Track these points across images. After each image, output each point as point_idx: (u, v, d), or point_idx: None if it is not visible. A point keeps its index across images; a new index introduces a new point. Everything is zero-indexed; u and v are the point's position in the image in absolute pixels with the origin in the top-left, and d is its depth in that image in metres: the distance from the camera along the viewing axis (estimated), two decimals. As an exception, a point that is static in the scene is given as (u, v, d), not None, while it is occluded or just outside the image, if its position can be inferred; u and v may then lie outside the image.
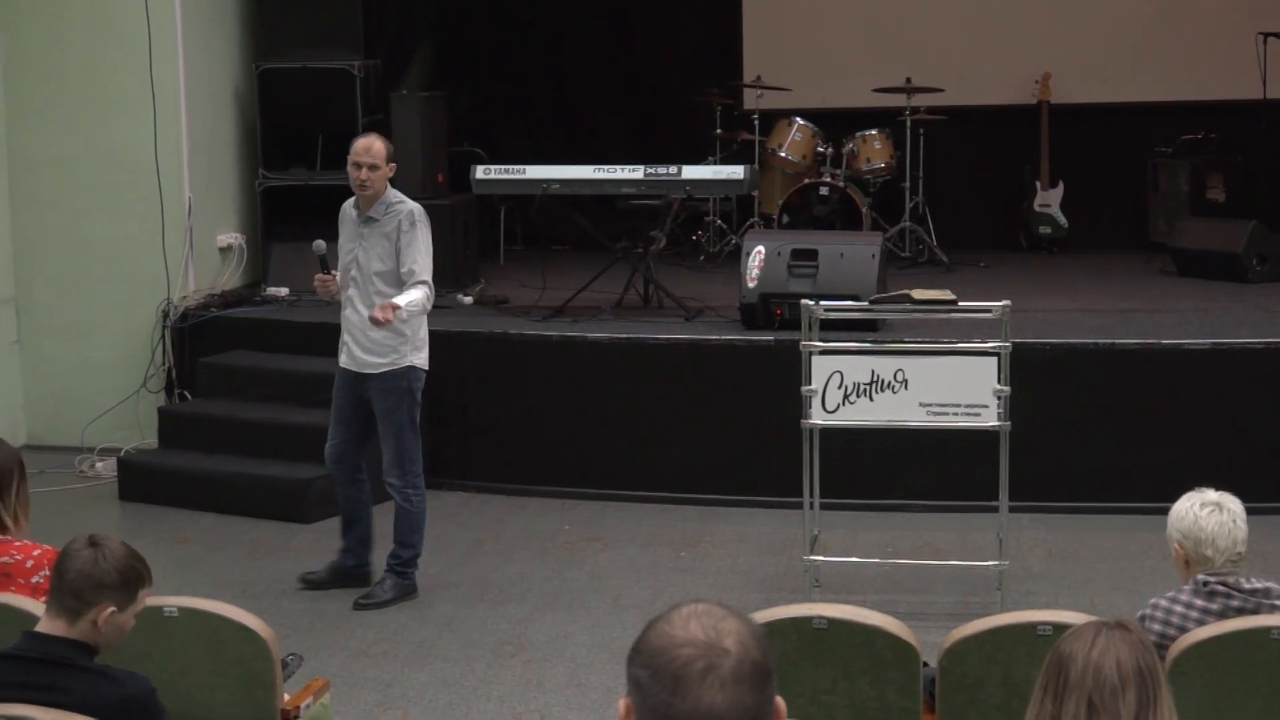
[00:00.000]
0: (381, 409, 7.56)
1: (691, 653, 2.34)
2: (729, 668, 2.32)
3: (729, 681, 2.31)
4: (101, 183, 10.54)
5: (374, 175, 7.42)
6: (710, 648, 2.34)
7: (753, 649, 2.36)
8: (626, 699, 2.40)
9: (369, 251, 7.48)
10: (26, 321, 10.72)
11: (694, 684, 2.31)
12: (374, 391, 7.55)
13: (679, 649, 2.35)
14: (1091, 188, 13.02)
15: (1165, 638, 4.40)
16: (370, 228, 7.49)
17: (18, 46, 10.53)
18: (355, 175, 7.42)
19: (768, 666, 2.37)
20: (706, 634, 2.36)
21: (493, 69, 14.29)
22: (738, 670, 2.32)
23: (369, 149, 7.43)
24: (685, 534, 8.70)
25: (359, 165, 7.40)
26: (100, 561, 4.03)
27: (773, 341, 9.12)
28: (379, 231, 7.48)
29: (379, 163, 7.43)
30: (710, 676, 2.31)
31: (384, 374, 7.54)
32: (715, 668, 2.32)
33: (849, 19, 13.50)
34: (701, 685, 2.31)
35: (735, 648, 2.34)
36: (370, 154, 7.41)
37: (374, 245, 7.48)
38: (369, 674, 6.78)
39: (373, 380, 7.54)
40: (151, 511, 9.31)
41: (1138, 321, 9.61)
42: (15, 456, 5.13)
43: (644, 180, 9.98)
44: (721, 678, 2.31)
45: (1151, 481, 8.46)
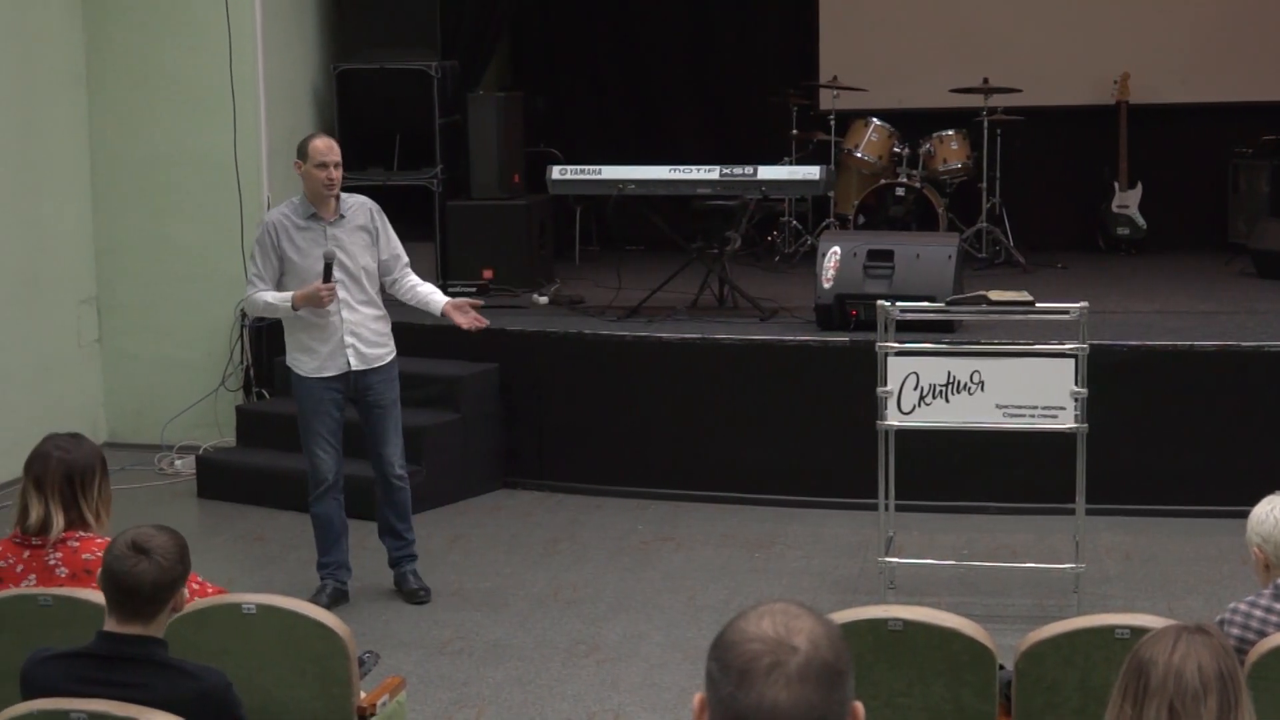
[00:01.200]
0: (387, 399, 7.59)
1: (759, 648, 2.34)
2: (796, 665, 2.32)
3: (794, 679, 2.31)
4: (182, 183, 10.63)
5: (339, 173, 7.39)
6: (779, 644, 2.34)
7: (824, 649, 2.35)
8: (702, 693, 2.42)
9: (352, 248, 7.46)
10: (108, 320, 10.82)
11: (759, 679, 2.32)
12: (377, 384, 7.55)
13: (748, 644, 2.36)
14: (1170, 189, 12.92)
15: (1244, 642, 4.36)
16: (341, 226, 7.45)
17: (101, 49, 10.63)
18: (322, 175, 7.33)
19: (839, 668, 2.36)
20: (777, 631, 2.36)
21: (570, 69, 14.32)
22: (804, 669, 2.32)
23: (334, 148, 7.41)
24: (760, 535, 8.70)
25: (325, 165, 7.33)
26: (162, 562, 4.06)
27: (848, 342, 9.10)
28: (353, 226, 7.47)
29: (340, 161, 7.42)
30: (776, 672, 2.32)
31: (388, 364, 7.60)
32: (781, 664, 2.32)
33: (926, 19, 13.45)
34: (766, 681, 2.31)
35: (805, 646, 2.35)
36: (335, 152, 7.38)
37: (355, 241, 7.47)
38: (444, 672, 6.81)
39: (376, 373, 7.55)
40: (229, 509, 9.39)
41: (1217, 323, 9.53)
42: (98, 454, 5.17)
43: (720, 180, 9.98)
44: (787, 675, 2.31)
45: (1230, 485, 8.40)
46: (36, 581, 4.91)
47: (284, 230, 7.41)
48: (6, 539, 5.06)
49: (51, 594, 4.69)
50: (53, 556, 4.94)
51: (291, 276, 7.40)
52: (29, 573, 4.94)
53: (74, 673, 4.01)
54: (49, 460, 5.03)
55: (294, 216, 7.43)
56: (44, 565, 4.94)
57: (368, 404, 7.58)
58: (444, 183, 11.32)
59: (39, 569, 4.94)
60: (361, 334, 7.50)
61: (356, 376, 7.51)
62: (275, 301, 7.40)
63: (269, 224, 7.46)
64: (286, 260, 7.40)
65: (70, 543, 4.97)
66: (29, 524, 4.98)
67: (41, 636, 4.46)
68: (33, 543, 4.98)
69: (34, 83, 10.17)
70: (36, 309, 10.18)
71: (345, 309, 7.44)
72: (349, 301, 7.45)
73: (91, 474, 5.07)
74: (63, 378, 10.44)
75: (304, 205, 7.44)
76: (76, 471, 5.03)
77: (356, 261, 7.46)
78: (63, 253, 10.49)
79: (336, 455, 7.60)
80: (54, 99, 10.40)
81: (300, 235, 7.40)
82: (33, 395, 10.06)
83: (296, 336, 7.53)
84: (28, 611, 4.67)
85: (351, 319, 7.46)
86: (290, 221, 7.43)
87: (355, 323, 7.48)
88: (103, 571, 4.10)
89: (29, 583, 4.92)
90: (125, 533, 4.13)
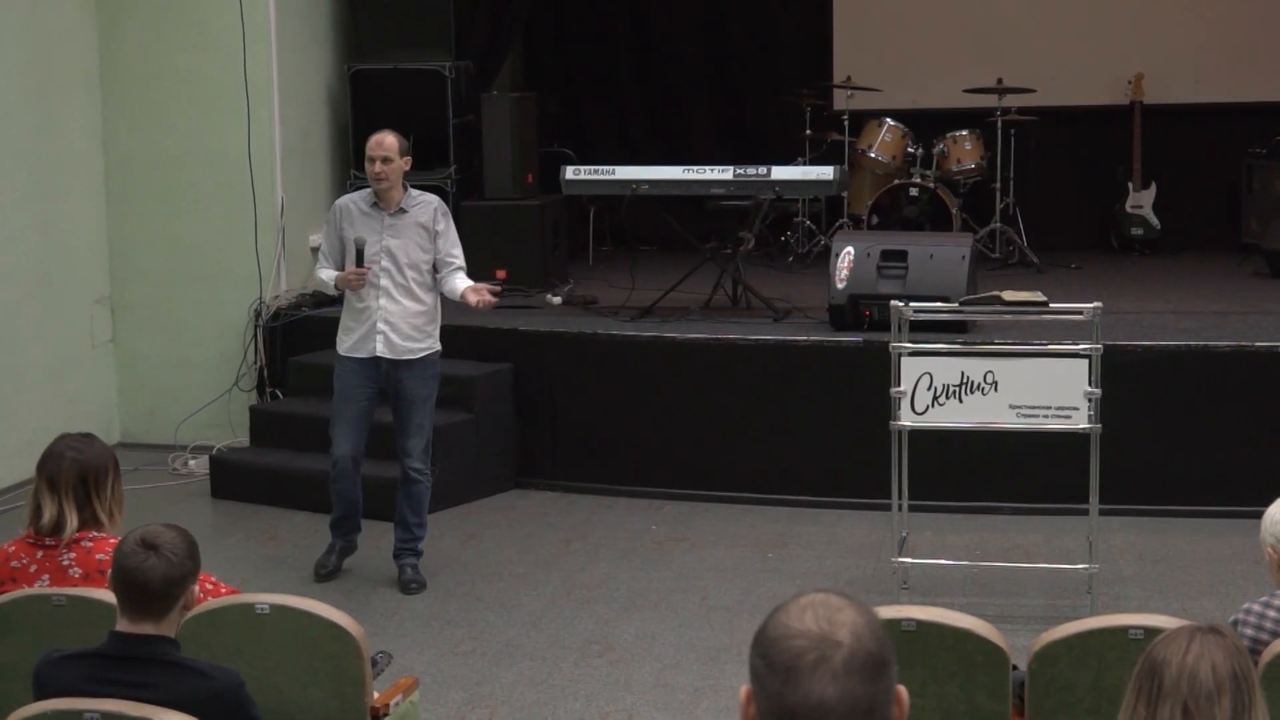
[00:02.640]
0: (419, 394, 7.83)
1: (804, 644, 2.37)
2: (841, 660, 2.35)
3: (840, 673, 2.34)
4: (196, 183, 10.65)
5: (389, 168, 7.70)
6: (823, 640, 2.37)
7: (867, 640, 2.38)
8: (747, 686, 2.43)
9: (406, 242, 7.77)
10: (121, 320, 10.84)
11: (805, 675, 2.34)
12: (409, 377, 7.80)
13: (792, 640, 2.38)
14: (1184, 189, 12.90)
15: (1258, 643, 4.36)
16: (401, 219, 7.78)
17: (115, 50, 10.65)
18: (371, 170, 7.72)
19: (883, 657, 2.39)
20: (820, 626, 2.39)
21: (583, 70, 14.34)
22: (849, 662, 2.35)
23: (382, 143, 7.73)
24: (773, 535, 8.70)
25: (373, 159, 7.70)
26: (170, 558, 4.06)
27: (861, 343, 9.10)
28: (412, 222, 7.80)
29: (393, 155, 7.72)
30: (821, 668, 2.34)
31: (423, 359, 7.83)
32: (827, 660, 2.35)
33: (940, 20, 13.44)
34: (812, 677, 2.34)
35: (849, 639, 2.37)
36: (384, 148, 7.71)
37: (410, 235, 7.78)
38: (457, 672, 6.82)
39: (409, 366, 7.79)
40: (243, 509, 9.40)
41: (1231, 324, 9.51)
42: (110, 454, 5.18)
43: (733, 181, 9.97)
44: (833, 670, 2.34)
45: (1244, 485, 8.40)
46: (50, 582, 4.91)
47: (348, 214, 7.84)
48: (20, 539, 5.06)
49: (65, 594, 4.69)
50: (66, 557, 4.95)
51: (348, 259, 7.79)
52: (43, 573, 4.95)
53: (86, 673, 4.01)
54: (62, 460, 5.03)
55: (361, 203, 7.85)
56: (57, 565, 4.94)
57: (396, 395, 7.84)
58: (458, 183, 11.34)
59: (52, 569, 4.94)
60: (396, 324, 7.76)
61: (389, 366, 7.78)
62: (327, 279, 7.93)
63: (338, 206, 7.94)
64: (344, 241, 7.81)
65: (84, 543, 4.98)
66: (42, 524, 4.99)
67: (54, 636, 4.46)
68: (46, 543, 4.98)
69: (48, 83, 10.19)
70: (51, 309, 10.19)
71: (385, 297, 7.75)
72: (390, 291, 7.75)
73: (105, 474, 5.08)
74: (77, 378, 10.46)
75: (372, 194, 7.83)
76: (90, 471, 5.04)
77: (408, 255, 7.77)
78: (77, 253, 10.50)
79: (358, 439, 7.89)
80: (68, 100, 10.42)
81: (361, 220, 7.80)
82: (47, 395, 10.08)
83: (343, 316, 7.94)
84: (41, 611, 4.67)
85: (389, 308, 7.75)
86: (356, 207, 7.85)
87: (392, 312, 7.75)
88: (112, 569, 4.11)
89: (43, 583, 4.92)
90: (134, 531, 4.14)
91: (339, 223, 7.85)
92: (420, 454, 7.87)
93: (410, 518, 7.95)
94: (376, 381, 7.84)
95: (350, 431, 7.86)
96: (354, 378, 7.83)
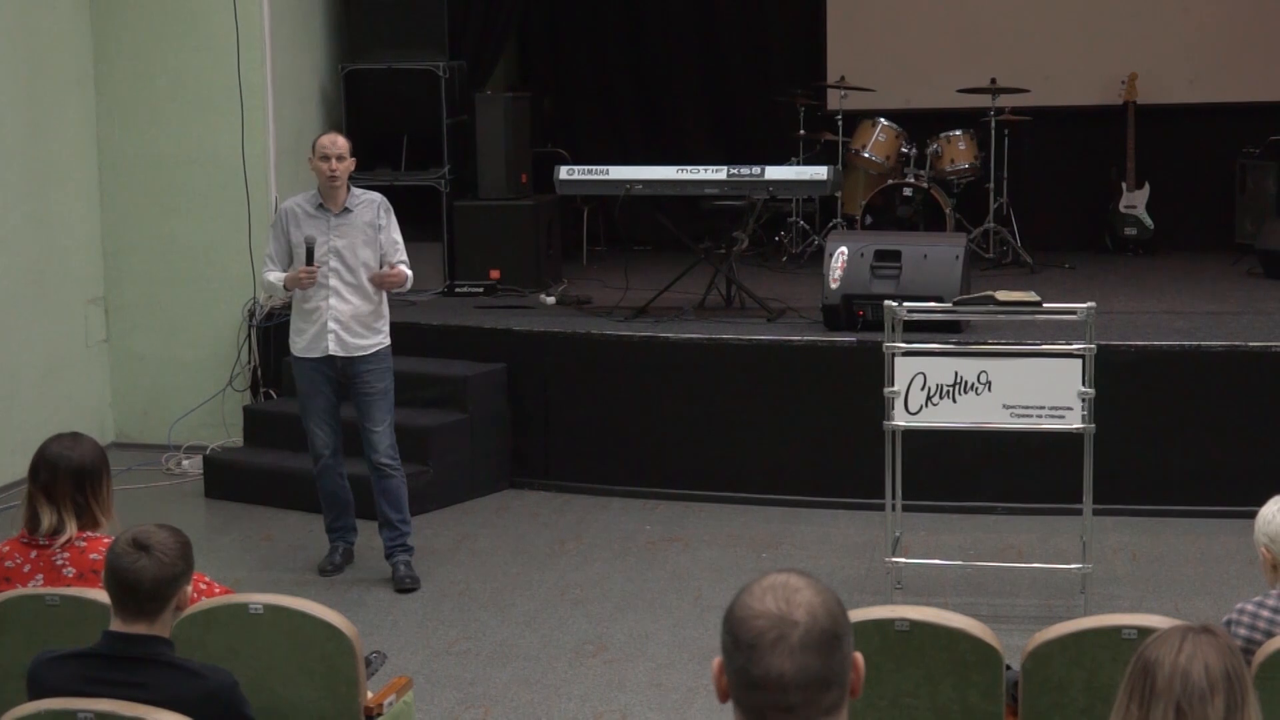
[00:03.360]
0: (377, 388, 7.91)
1: (764, 624, 2.63)
2: (797, 637, 2.62)
3: (797, 649, 2.61)
4: (189, 183, 10.65)
5: (342, 166, 7.80)
6: (781, 620, 2.63)
7: (822, 618, 2.64)
8: (719, 658, 2.73)
9: (353, 241, 7.85)
10: (115, 320, 10.83)
11: (766, 652, 2.61)
12: (364, 373, 7.89)
13: (754, 620, 2.65)
14: (1178, 189, 12.90)
15: (1251, 643, 4.36)
16: (346, 219, 7.86)
17: (108, 50, 10.64)
18: (324, 167, 7.77)
19: (836, 632, 2.65)
20: (779, 606, 2.65)
21: (577, 70, 14.34)
22: (805, 639, 2.62)
23: (335, 142, 7.85)
24: (767, 535, 8.70)
25: (327, 157, 7.78)
26: (162, 558, 4.06)
27: (855, 343, 9.10)
28: (359, 221, 7.88)
29: (345, 154, 7.83)
30: (780, 645, 2.61)
31: (376, 353, 7.92)
32: (784, 637, 2.62)
33: (933, 20, 13.44)
34: (772, 653, 2.61)
35: (804, 618, 2.63)
36: (338, 146, 7.82)
37: (357, 234, 7.87)
38: (451, 672, 6.82)
39: (364, 361, 7.89)
40: (236, 509, 9.39)
41: (1224, 324, 9.52)
42: (100, 452, 5.18)
43: (727, 181, 9.97)
44: (790, 646, 2.61)
45: (1237, 485, 8.41)
46: (44, 581, 4.92)
47: (293, 216, 7.88)
48: (14, 539, 5.06)
49: (59, 594, 4.69)
50: (60, 557, 4.95)
51: (296, 260, 7.82)
52: (36, 573, 4.95)
53: (80, 673, 4.02)
54: (56, 469, 5.02)
55: (306, 205, 7.91)
56: (51, 565, 4.95)
57: (355, 391, 7.92)
58: (451, 183, 11.33)
59: (46, 569, 4.95)
60: (346, 322, 7.85)
61: (344, 363, 7.88)
62: (275, 281, 7.92)
63: (282, 209, 7.98)
64: (292, 244, 7.84)
65: (78, 542, 4.98)
66: (40, 530, 4.99)
67: (48, 636, 4.46)
68: (40, 543, 4.98)
69: (42, 83, 10.18)
70: (44, 309, 10.19)
71: (334, 297, 7.83)
72: (339, 290, 7.83)
73: (99, 474, 5.08)
74: (70, 377, 10.45)
75: (316, 196, 7.89)
76: (85, 475, 5.04)
77: (355, 254, 7.85)
78: (70, 253, 10.50)
79: (331, 431, 7.99)
80: (62, 99, 10.41)
81: (307, 222, 7.84)
82: (40, 395, 10.08)
83: (294, 317, 8.01)
84: (35, 611, 4.67)
85: (339, 307, 7.83)
86: (301, 209, 7.89)
87: (341, 311, 7.84)
88: (105, 569, 4.11)
89: (36, 582, 4.92)
90: (127, 531, 4.15)
91: (285, 225, 7.89)
92: (387, 448, 7.95)
93: (393, 515, 7.98)
94: (334, 379, 7.94)
95: (323, 424, 7.97)
96: (313, 375, 7.93)
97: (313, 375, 7.93)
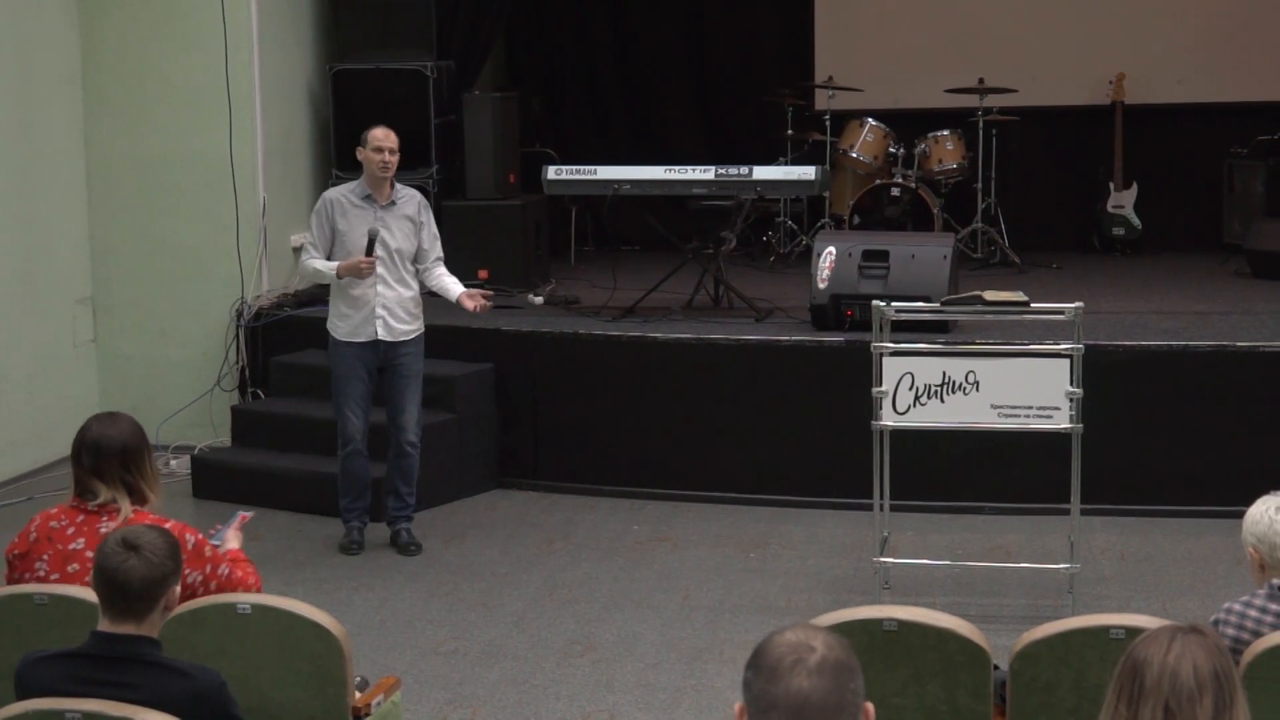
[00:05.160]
0: (413, 371, 8.36)
1: (784, 650, 2.87)
2: (815, 661, 2.84)
3: (814, 671, 2.83)
4: (177, 183, 10.63)
5: (393, 159, 8.23)
6: (800, 646, 2.87)
7: (837, 650, 2.88)
8: (740, 703, 2.91)
9: (396, 232, 8.25)
10: (103, 320, 10.81)
11: (785, 673, 2.83)
12: (404, 355, 8.32)
13: (775, 649, 2.88)
14: (1166, 189, 12.92)
15: (1239, 643, 4.37)
16: (391, 211, 8.26)
17: (96, 49, 10.62)
18: (378, 159, 8.17)
19: (850, 665, 2.88)
20: (798, 637, 2.89)
21: (565, 69, 14.34)
22: (822, 664, 2.84)
23: (389, 136, 8.23)
24: (755, 535, 8.70)
25: (381, 149, 8.17)
26: (151, 558, 4.06)
27: (843, 343, 9.10)
28: (401, 214, 8.29)
29: (396, 148, 8.24)
30: (799, 667, 2.83)
31: (416, 339, 8.39)
32: (803, 660, 2.84)
33: (921, 20, 13.45)
34: (791, 674, 2.82)
35: (821, 647, 2.87)
36: (390, 140, 8.21)
37: (399, 226, 8.28)
38: (439, 672, 6.81)
39: (405, 346, 8.32)
40: (225, 509, 9.29)
41: (1212, 324, 9.53)
42: (140, 430, 5.19)
43: (715, 181, 9.98)
44: (808, 668, 2.83)
45: (1225, 485, 8.42)
46: (84, 546, 4.90)
47: (340, 206, 8.26)
48: (65, 505, 5.06)
49: (47, 593, 4.69)
50: (106, 525, 4.93)
51: (339, 248, 8.23)
52: (79, 535, 4.95)
53: (68, 673, 4.01)
54: (99, 450, 5.02)
55: (351, 196, 8.28)
56: (95, 532, 4.92)
57: (393, 372, 8.34)
58: (439, 183, 11.33)
59: (89, 534, 4.93)
60: (392, 309, 8.25)
61: (386, 347, 8.28)
62: (322, 268, 8.25)
63: (327, 199, 8.32)
64: (337, 233, 8.24)
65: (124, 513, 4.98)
66: (95, 502, 4.99)
67: (36, 636, 4.46)
68: (89, 509, 4.98)
69: (29, 83, 10.16)
70: (32, 309, 10.17)
71: (381, 284, 8.23)
72: (385, 278, 8.23)
73: (140, 452, 5.09)
74: (58, 378, 10.43)
75: (361, 188, 8.28)
76: (129, 453, 5.05)
77: (398, 244, 8.25)
78: (58, 253, 10.48)
79: (364, 418, 8.37)
80: (49, 99, 10.39)
81: (354, 212, 8.24)
82: (28, 396, 10.07)
83: (336, 304, 8.34)
84: (23, 611, 4.67)
85: (386, 294, 8.24)
86: (347, 200, 8.27)
87: (388, 298, 8.24)
88: (94, 569, 4.11)
89: (76, 545, 4.91)
90: (116, 531, 4.14)
91: (331, 215, 8.24)
92: (415, 426, 8.39)
93: (403, 487, 8.47)
94: (374, 363, 8.30)
95: (358, 409, 8.32)
96: (354, 360, 8.27)
97: (353, 360, 8.27)
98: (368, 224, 8.17)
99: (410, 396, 8.35)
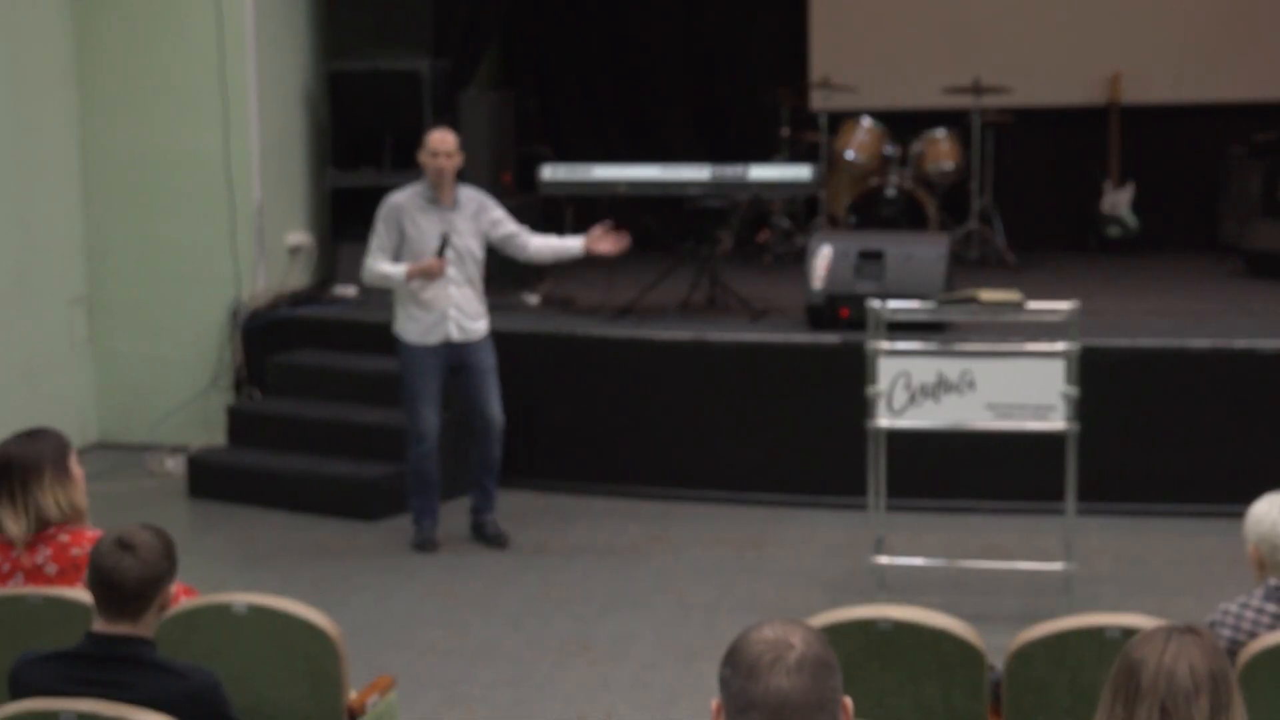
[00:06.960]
0: (489, 364, 8.49)
1: (763, 647, 2.81)
2: (794, 658, 2.79)
3: (793, 669, 2.78)
4: (173, 183, 10.63)
5: (450, 162, 8.28)
6: (778, 643, 2.81)
7: (815, 646, 2.82)
8: (717, 699, 2.85)
9: (464, 234, 8.33)
10: (98, 320, 10.81)
11: (764, 671, 2.78)
12: (477, 352, 8.44)
13: (753, 646, 2.82)
14: (1162, 189, 12.91)
15: (1235, 643, 4.37)
16: (457, 213, 8.34)
17: (91, 48, 10.62)
18: (433, 164, 8.24)
19: (829, 662, 2.83)
20: (776, 634, 2.83)
21: (561, 69, 14.32)
22: (801, 661, 2.79)
23: (445, 139, 8.30)
24: (750, 535, 8.70)
25: (436, 154, 8.24)
26: (146, 558, 4.05)
27: (839, 342, 9.10)
28: (465, 215, 8.36)
29: (453, 151, 8.29)
30: (778, 665, 2.78)
31: (485, 336, 8.51)
32: (782, 658, 2.78)
33: (917, 19, 13.44)
34: (770, 672, 2.77)
35: (800, 644, 2.81)
36: (447, 144, 8.28)
37: (466, 227, 8.36)
38: (434, 672, 6.81)
39: (478, 343, 8.45)
40: (220, 509, 9.38)
41: (1208, 323, 9.53)
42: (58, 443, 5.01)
43: (711, 180, 9.98)
44: (788, 666, 2.78)
45: (1220, 485, 8.43)
46: (23, 580, 4.88)
47: (407, 210, 8.34)
48: None
49: (41, 594, 4.68)
50: (41, 554, 4.91)
51: (407, 251, 8.31)
52: (16, 571, 4.92)
53: (63, 673, 4.01)
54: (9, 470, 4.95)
55: (417, 199, 8.36)
56: (33, 564, 4.91)
57: (470, 369, 8.44)
58: (436, 182, 11.30)
59: (28, 568, 4.91)
60: (464, 309, 8.38)
61: (458, 348, 8.39)
62: (390, 272, 8.32)
63: (394, 203, 8.38)
64: (405, 236, 8.31)
65: (60, 537, 4.93)
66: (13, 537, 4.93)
67: (30, 637, 4.45)
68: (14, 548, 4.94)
69: (24, 82, 10.16)
70: (27, 308, 10.16)
71: (452, 285, 8.34)
72: (455, 279, 8.34)
73: (37, 470, 4.95)
74: (53, 377, 10.43)
75: (426, 190, 8.36)
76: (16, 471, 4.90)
77: (465, 245, 8.35)
78: (53, 252, 10.48)
79: (438, 416, 8.48)
80: (44, 98, 10.39)
81: (421, 216, 8.32)
82: (23, 395, 10.05)
83: (406, 306, 8.40)
84: (17, 612, 4.66)
85: (456, 295, 8.35)
86: (414, 203, 8.35)
87: (458, 299, 8.36)
88: (89, 569, 4.11)
89: (16, 582, 4.90)
90: (111, 531, 4.14)
91: (399, 219, 8.31)
92: (500, 414, 8.49)
93: (488, 480, 8.60)
94: (443, 366, 8.41)
95: (433, 409, 8.43)
96: (427, 361, 8.36)
97: (426, 361, 8.35)
98: (436, 227, 8.25)
99: (491, 387, 8.46)
